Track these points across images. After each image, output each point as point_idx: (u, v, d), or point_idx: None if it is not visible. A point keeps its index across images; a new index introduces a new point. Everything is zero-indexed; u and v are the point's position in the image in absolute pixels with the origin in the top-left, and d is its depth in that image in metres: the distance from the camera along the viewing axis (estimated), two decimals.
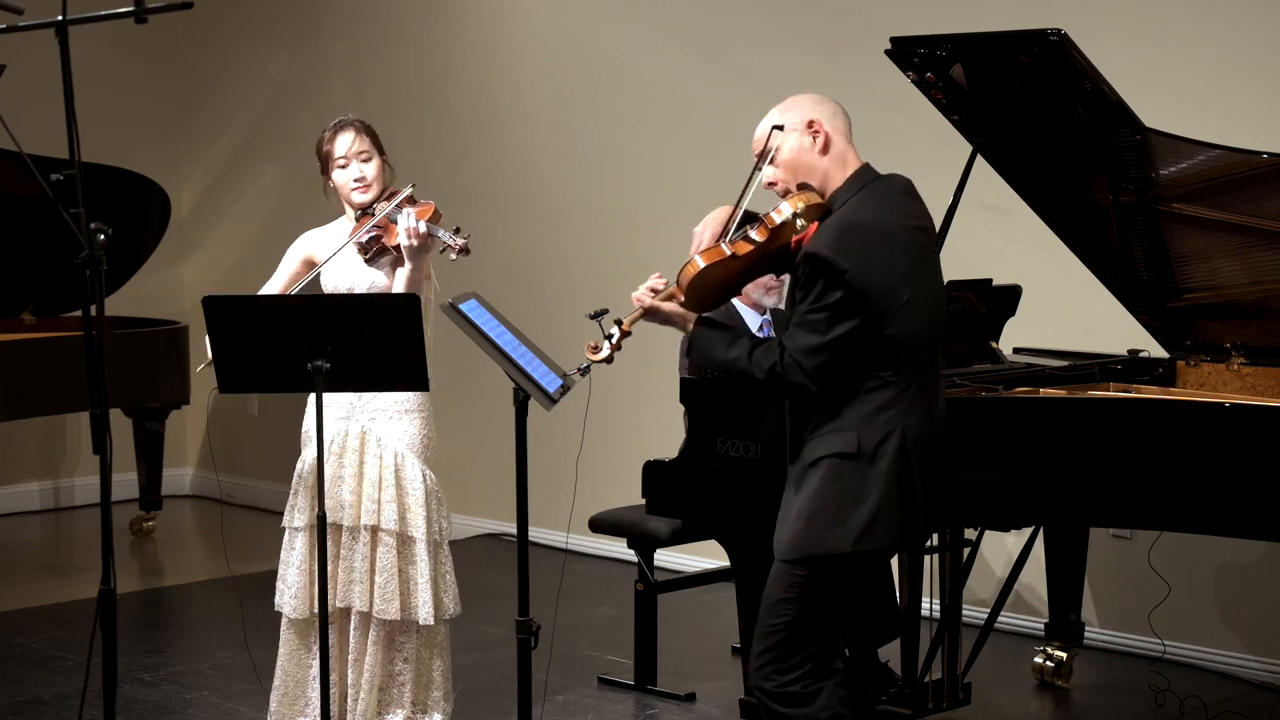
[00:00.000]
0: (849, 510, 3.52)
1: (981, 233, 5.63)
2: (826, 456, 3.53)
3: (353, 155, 4.45)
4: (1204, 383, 4.86)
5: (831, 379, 3.50)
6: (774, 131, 3.60)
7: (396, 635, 4.43)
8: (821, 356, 3.47)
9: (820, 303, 3.46)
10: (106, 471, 3.34)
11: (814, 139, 3.59)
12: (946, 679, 4.85)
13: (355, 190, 4.45)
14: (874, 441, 3.52)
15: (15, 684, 5.38)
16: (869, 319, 3.47)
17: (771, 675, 3.60)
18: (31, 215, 6.48)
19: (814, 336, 3.47)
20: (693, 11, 6.78)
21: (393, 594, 4.35)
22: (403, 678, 4.45)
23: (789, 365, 3.50)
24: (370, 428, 4.41)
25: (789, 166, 3.61)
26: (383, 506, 4.36)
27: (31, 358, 6.57)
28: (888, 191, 3.61)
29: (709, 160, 6.61)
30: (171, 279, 8.52)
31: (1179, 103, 5.29)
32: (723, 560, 5.39)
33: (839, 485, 3.52)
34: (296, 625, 4.46)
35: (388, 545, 4.36)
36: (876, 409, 3.52)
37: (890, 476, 3.53)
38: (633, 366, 6.60)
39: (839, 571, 3.58)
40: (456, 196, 7.59)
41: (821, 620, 3.60)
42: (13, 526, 7.99)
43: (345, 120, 4.51)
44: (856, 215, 3.52)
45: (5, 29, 3.42)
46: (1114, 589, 5.69)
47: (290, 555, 4.46)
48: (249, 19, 8.41)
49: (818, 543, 3.55)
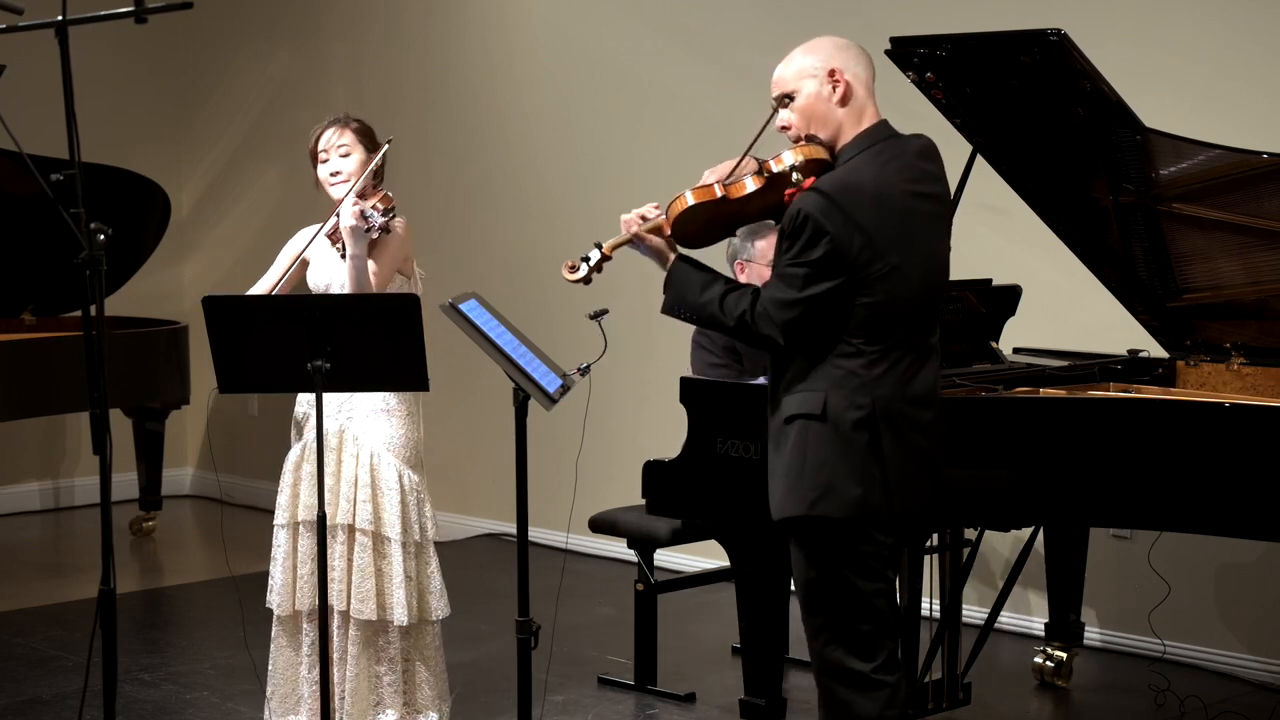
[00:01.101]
0: (809, 473, 3.47)
1: (981, 233, 5.62)
2: (797, 416, 3.49)
3: (332, 149, 4.47)
4: (1204, 383, 4.86)
5: (800, 337, 3.45)
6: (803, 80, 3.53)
7: (378, 636, 4.41)
8: (792, 312, 3.42)
9: (800, 259, 3.40)
10: (106, 471, 3.34)
11: (833, 88, 3.51)
12: (946, 679, 4.85)
13: (332, 185, 4.47)
14: (841, 407, 3.45)
15: (15, 684, 5.38)
16: (846, 284, 3.40)
17: (824, 645, 3.57)
18: (31, 215, 6.48)
19: (789, 291, 3.42)
20: (693, 11, 6.78)
21: (368, 594, 4.34)
22: (388, 679, 4.42)
23: (760, 315, 3.44)
24: (348, 426, 4.41)
25: (804, 114, 3.53)
26: (358, 506, 4.36)
27: (31, 358, 6.56)
28: (897, 153, 3.51)
29: (709, 160, 6.54)
30: (171, 279, 8.52)
31: (1179, 103, 5.29)
32: (723, 560, 5.39)
33: (802, 448, 3.48)
34: (284, 622, 4.47)
35: (363, 545, 4.36)
36: (847, 374, 3.45)
37: (855, 444, 3.45)
38: (633, 366, 6.61)
39: (813, 536, 3.52)
40: (457, 196, 7.60)
41: (833, 583, 3.52)
42: (13, 526, 7.98)
43: (334, 117, 4.53)
44: (854, 175, 3.44)
45: (5, 29, 3.41)
46: (1114, 589, 5.70)
47: (276, 552, 4.47)
48: (249, 19, 8.41)
49: (782, 505, 3.54)
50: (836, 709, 3.60)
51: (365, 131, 4.53)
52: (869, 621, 3.55)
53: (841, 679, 3.57)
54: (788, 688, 4.99)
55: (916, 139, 3.60)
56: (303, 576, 4.42)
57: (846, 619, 3.54)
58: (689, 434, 4.43)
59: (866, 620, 3.54)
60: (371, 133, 4.55)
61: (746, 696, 4.59)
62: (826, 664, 3.59)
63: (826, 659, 3.59)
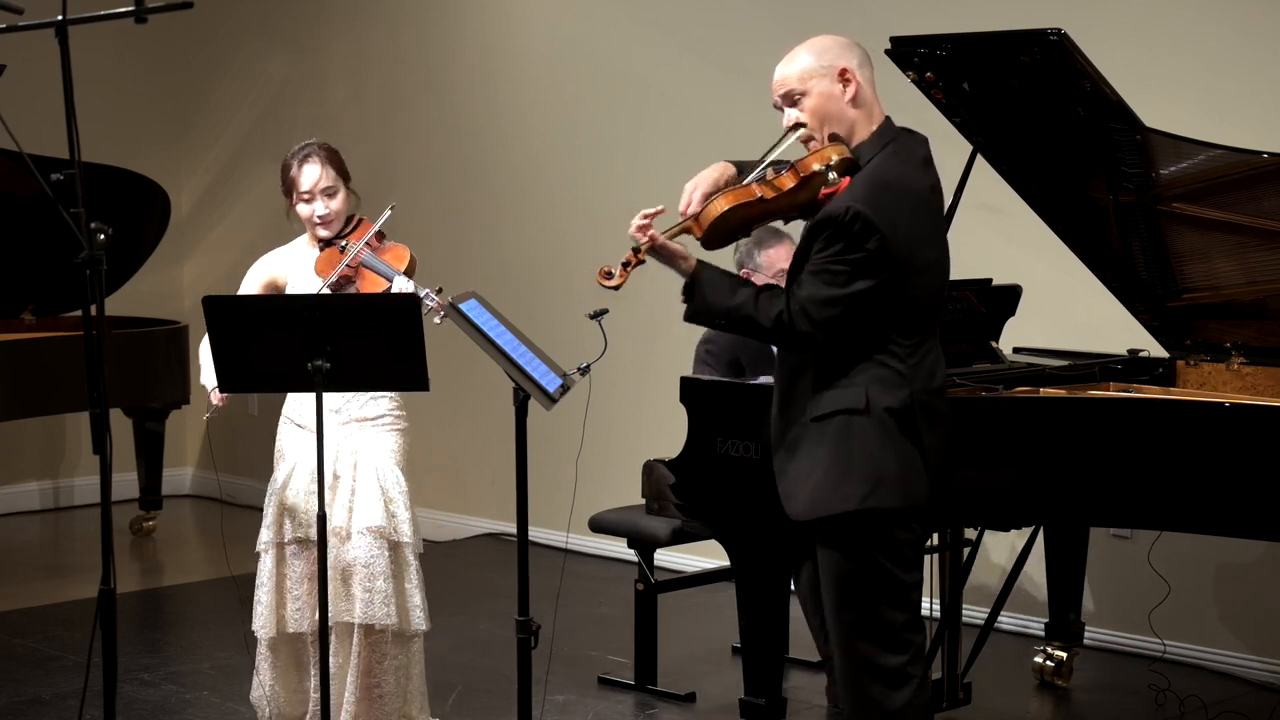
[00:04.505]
0: (857, 467, 3.48)
1: (981, 233, 5.62)
2: (837, 412, 3.48)
3: (317, 192, 4.41)
4: (1204, 382, 4.86)
5: (838, 334, 3.46)
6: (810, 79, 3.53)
7: (382, 647, 4.32)
8: (834, 309, 3.42)
9: (844, 256, 3.40)
10: (106, 471, 3.34)
11: (844, 88, 3.53)
12: (946, 679, 4.85)
13: (319, 226, 4.43)
14: (883, 400, 3.47)
15: (15, 684, 5.38)
16: (889, 280, 3.43)
17: (857, 641, 3.55)
18: (31, 215, 6.48)
19: (831, 289, 3.42)
20: (693, 11, 6.78)
21: (387, 598, 4.28)
22: (391, 690, 4.34)
23: (797, 314, 3.43)
24: (344, 443, 4.37)
25: (817, 114, 3.54)
26: (369, 507, 4.31)
27: (31, 358, 6.57)
28: (911, 149, 3.56)
29: (709, 160, 6.56)
30: (171, 279, 8.52)
31: (1179, 103, 5.29)
32: (723, 560, 5.39)
33: (848, 443, 3.48)
34: (273, 645, 4.40)
35: (379, 548, 4.29)
36: (885, 368, 3.48)
37: (898, 436, 3.48)
38: (633, 366, 6.60)
39: (854, 531, 3.52)
40: (456, 196, 7.60)
41: (872, 576, 3.52)
42: (13, 526, 7.99)
43: (310, 149, 4.45)
44: (886, 173, 3.48)
45: (5, 29, 3.41)
46: (1114, 589, 5.69)
47: (261, 577, 4.41)
48: (249, 19, 8.41)
49: (827, 501, 3.51)
50: (867, 706, 3.59)
51: (338, 160, 4.46)
52: (905, 612, 3.56)
53: (874, 674, 3.56)
54: (788, 688, 4.99)
55: (916, 136, 3.63)
56: (298, 597, 4.36)
57: (881, 613, 3.54)
58: (689, 434, 4.43)
59: (903, 611, 3.56)
60: (341, 157, 4.47)
61: (746, 696, 4.59)
62: (858, 660, 3.58)
63: (858, 655, 3.57)
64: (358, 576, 4.29)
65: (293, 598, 4.37)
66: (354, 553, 4.30)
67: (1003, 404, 4.36)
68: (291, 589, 4.37)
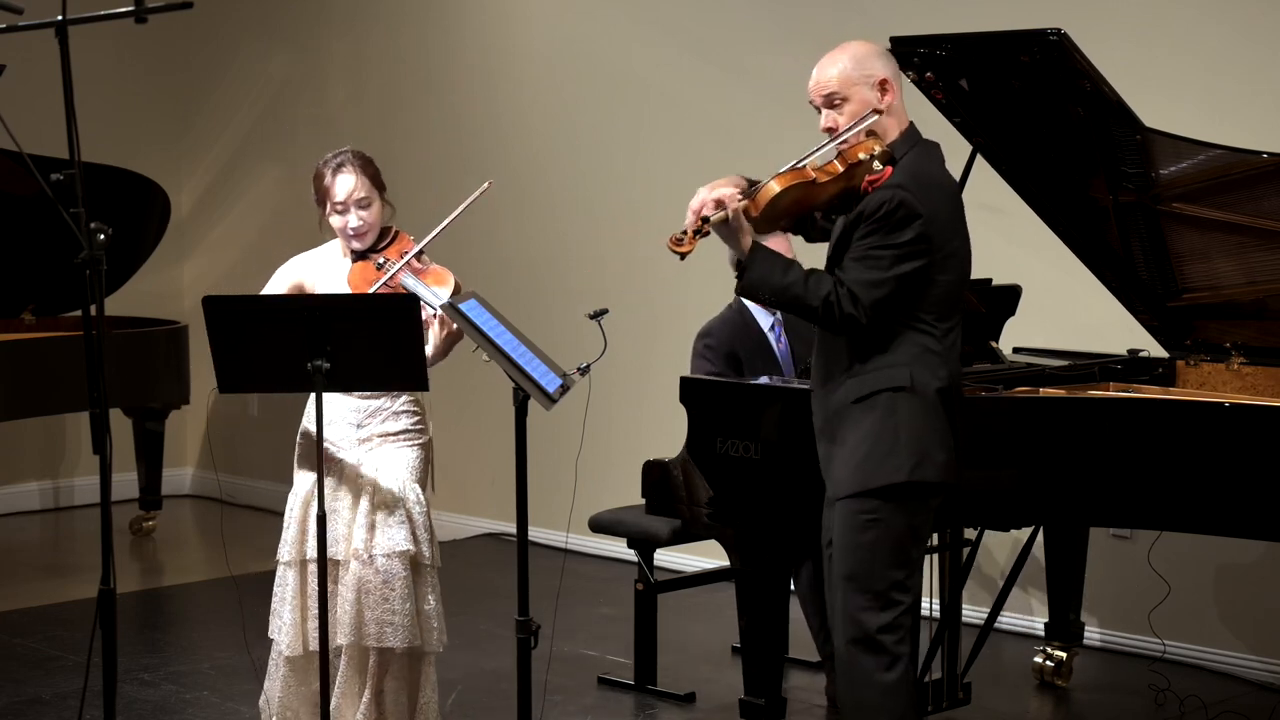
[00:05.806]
0: (905, 441, 3.65)
1: (981, 233, 5.58)
2: (883, 390, 3.67)
3: (351, 203, 4.29)
4: (1204, 383, 4.86)
5: (882, 316, 3.64)
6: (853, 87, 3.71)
7: (397, 665, 4.27)
8: (879, 291, 3.61)
9: (889, 240, 3.61)
10: (106, 471, 3.34)
11: (882, 95, 3.73)
12: (946, 679, 4.85)
13: (353, 239, 4.32)
14: (925, 379, 3.68)
15: (15, 684, 5.38)
16: (929, 265, 3.64)
17: (865, 617, 3.69)
18: (31, 215, 6.47)
19: (876, 272, 3.61)
20: (693, 11, 6.77)
21: (409, 618, 4.20)
22: (401, 709, 4.30)
23: (844, 295, 3.62)
24: (365, 460, 4.29)
25: (856, 118, 3.72)
26: (392, 529, 4.21)
27: (31, 358, 6.57)
28: (932, 151, 3.80)
29: (709, 160, 6.60)
30: (171, 279, 8.52)
31: (1179, 103, 5.29)
32: (723, 560, 5.39)
33: (894, 418, 3.67)
34: (293, 662, 4.30)
35: (399, 569, 4.19)
36: (925, 350, 3.69)
37: (939, 414, 3.69)
38: (633, 366, 6.60)
39: (898, 502, 3.67)
40: (457, 196, 7.57)
41: (897, 554, 3.70)
42: (13, 526, 7.99)
43: (344, 157, 4.33)
44: (921, 168, 3.71)
45: (5, 29, 3.41)
46: (1114, 589, 5.69)
47: (283, 591, 4.31)
48: (249, 19, 8.41)
49: (874, 474, 3.67)
50: (859, 679, 3.74)
51: (373, 169, 4.36)
52: (907, 594, 3.74)
53: (870, 647, 3.71)
54: (788, 688, 4.99)
55: (932, 141, 3.84)
56: (318, 618, 4.23)
57: (888, 589, 3.70)
58: (689, 434, 4.43)
59: (905, 593, 3.73)
60: (376, 166, 4.37)
61: (746, 696, 4.59)
62: (859, 632, 3.71)
63: (862, 626, 3.70)
64: (377, 599, 4.20)
65: (312, 615, 4.24)
66: (376, 576, 4.20)
67: (1003, 404, 4.36)
68: (312, 607, 4.23)
